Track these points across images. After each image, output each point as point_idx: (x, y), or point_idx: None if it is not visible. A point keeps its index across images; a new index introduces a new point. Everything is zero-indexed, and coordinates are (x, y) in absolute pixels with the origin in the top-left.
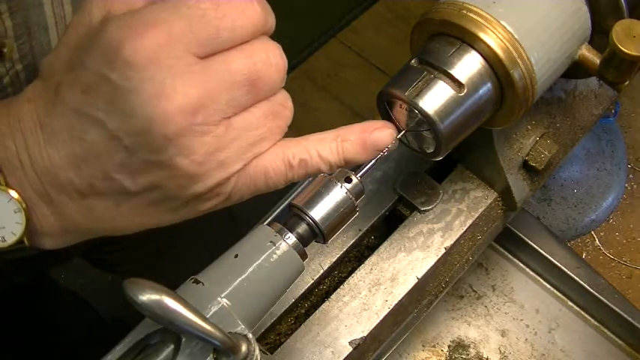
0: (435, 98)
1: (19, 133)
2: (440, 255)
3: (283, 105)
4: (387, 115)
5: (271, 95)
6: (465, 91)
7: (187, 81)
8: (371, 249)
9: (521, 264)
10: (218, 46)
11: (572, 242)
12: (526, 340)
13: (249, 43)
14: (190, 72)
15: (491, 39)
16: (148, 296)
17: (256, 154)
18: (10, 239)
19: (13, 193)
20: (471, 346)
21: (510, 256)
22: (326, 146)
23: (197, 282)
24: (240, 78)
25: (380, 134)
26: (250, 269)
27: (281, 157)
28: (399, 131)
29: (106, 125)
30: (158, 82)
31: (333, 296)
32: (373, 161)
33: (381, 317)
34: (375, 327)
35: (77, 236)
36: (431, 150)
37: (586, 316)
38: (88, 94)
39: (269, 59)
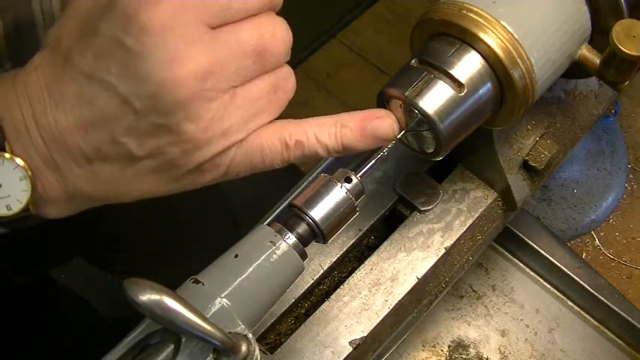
0: (435, 98)
1: (26, 99)
2: (440, 255)
3: (286, 79)
4: None
5: (277, 67)
6: (465, 91)
7: (199, 48)
8: (371, 249)
9: (521, 264)
10: (228, 17)
11: (572, 242)
12: (526, 340)
13: (257, 17)
14: (201, 40)
15: (491, 39)
16: (148, 296)
17: (258, 125)
18: (16, 207)
19: (19, 161)
20: (471, 346)
21: (510, 256)
22: (325, 130)
23: (197, 282)
24: (248, 48)
25: (380, 123)
26: (250, 269)
27: (277, 135)
28: (399, 131)
29: (117, 89)
30: (171, 47)
31: (333, 296)
32: (373, 161)
33: (381, 317)
34: (375, 327)
35: (81, 203)
36: (431, 150)
37: (586, 316)
38: (101, 58)
39: (275, 32)
